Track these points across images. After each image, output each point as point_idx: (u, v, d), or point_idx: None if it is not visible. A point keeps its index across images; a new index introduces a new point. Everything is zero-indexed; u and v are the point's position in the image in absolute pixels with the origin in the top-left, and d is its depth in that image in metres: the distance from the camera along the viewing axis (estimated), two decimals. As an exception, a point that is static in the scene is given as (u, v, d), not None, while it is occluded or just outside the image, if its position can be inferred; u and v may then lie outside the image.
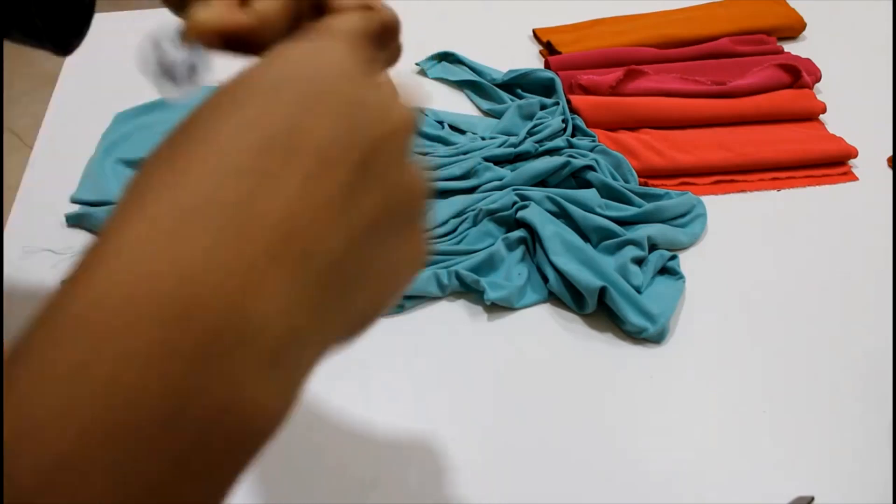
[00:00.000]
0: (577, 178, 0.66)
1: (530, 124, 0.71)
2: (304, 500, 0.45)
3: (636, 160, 0.69)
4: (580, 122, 0.72)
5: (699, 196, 0.67)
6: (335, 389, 0.50)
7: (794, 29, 0.89)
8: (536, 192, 0.63)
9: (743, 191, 0.70)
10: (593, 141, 0.70)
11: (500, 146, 0.68)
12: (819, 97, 0.79)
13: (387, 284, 0.23)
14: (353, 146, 0.20)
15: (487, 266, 0.58)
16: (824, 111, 0.77)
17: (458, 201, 0.63)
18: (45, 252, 0.60)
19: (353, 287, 0.21)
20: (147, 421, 0.16)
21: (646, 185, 0.68)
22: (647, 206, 0.64)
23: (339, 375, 0.51)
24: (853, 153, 0.73)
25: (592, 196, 0.63)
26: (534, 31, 0.86)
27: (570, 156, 0.67)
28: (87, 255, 0.17)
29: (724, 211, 0.67)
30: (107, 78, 0.77)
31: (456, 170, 0.65)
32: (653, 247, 0.61)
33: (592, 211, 0.62)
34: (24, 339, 0.16)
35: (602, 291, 0.55)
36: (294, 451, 0.47)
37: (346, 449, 0.48)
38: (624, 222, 0.63)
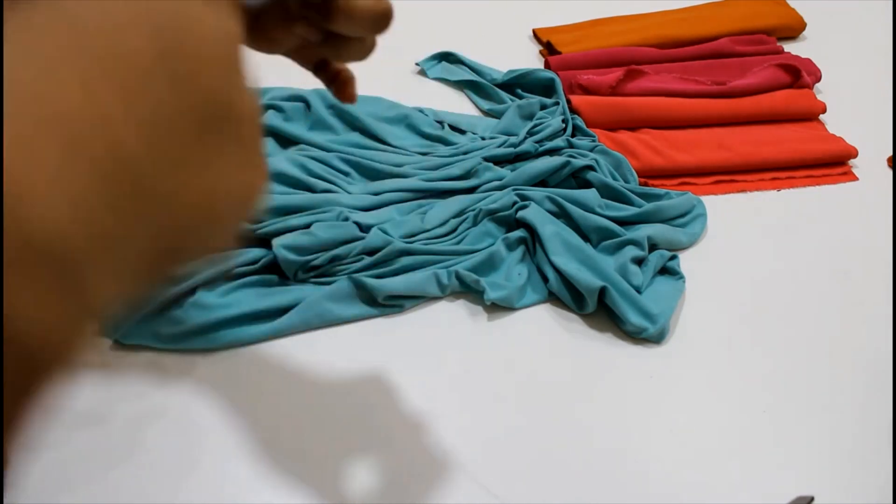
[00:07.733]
0: (577, 178, 0.66)
1: (530, 124, 0.70)
2: (298, 501, 0.45)
3: (636, 160, 0.69)
4: (580, 122, 0.72)
5: (699, 196, 0.67)
6: (332, 389, 0.50)
7: (794, 29, 0.89)
8: (536, 192, 0.63)
9: (743, 191, 0.70)
10: (593, 141, 0.70)
11: (500, 146, 0.68)
12: (819, 97, 0.79)
13: (207, 210, 0.21)
14: (152, 35, 0.18)
15: (487, 266, 0.58)
16: (824, 111, 0.77)
17: (458, 201, 0.63)
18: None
19: (158, 201, 0.18)
20: None
21: (646, 185, 0.68)
22: (647, 206, 0.64)
23: (337, 375, 0.51)
24: (853, 153, 0.73)
25: (592, 196, 0.63)
26: (534, 31, 0.86)
27: (570, 156, 0.67)
28: None
29: (724, 211, 0.67)
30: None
31: (456, 170, 0.65)
32: (653, 247, 0.61)
33: (592, 211, 0.62)
34: None
35: (602, 291, 0.55)
36: (290, 451, 0.47)
37: (342, 449, 0.48)
38: (624, 222, 0.63)
